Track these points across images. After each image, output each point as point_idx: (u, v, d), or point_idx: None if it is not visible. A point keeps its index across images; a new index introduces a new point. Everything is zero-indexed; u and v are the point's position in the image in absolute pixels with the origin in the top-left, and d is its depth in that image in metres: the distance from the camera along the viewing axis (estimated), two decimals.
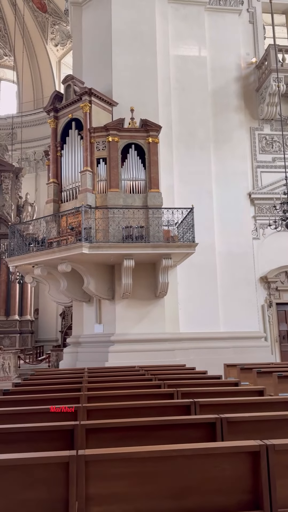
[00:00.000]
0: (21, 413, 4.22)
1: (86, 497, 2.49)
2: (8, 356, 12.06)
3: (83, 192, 12.10)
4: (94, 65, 14.12)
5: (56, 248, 11.57)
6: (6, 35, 26.78)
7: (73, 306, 13.86)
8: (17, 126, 24.55)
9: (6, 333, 21.65)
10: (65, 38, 25.89)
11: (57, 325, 23.44)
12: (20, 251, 12.80)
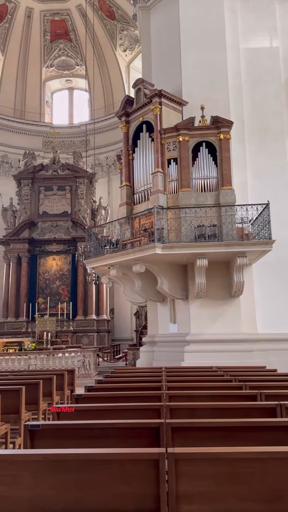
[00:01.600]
0: (105, 410, 4.36)
1: (177, 494, 2.52)
2: (88, 354, 12.54)
3: (155, 193, 12.23)
4: (164, 66, 14.22)
5: (130, 249, 11.80)
6: (78, 46, 27.90)
7: (148, 306, 14.06)
8: (90, 133, 25.46)
9: (85, 332, 22.55)
10: (134, 42, 26.36)
11: (131, 324, 23.92)
12: (96, 253, 13.25)
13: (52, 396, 7.28)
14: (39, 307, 23.12)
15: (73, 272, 23.87)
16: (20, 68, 28.35)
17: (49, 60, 28.81)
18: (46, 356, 13.26)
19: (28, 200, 24.47)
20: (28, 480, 2.66)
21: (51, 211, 24.58)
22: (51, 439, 3.52)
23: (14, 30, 27.16)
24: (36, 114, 28.89)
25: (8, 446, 5.47)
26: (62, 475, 2.61)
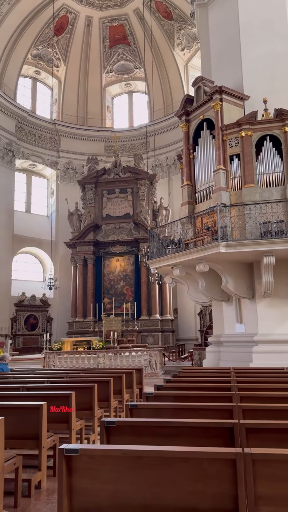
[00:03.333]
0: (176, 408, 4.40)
1: (255, 496, 2.49)
2: (154, 353, 12.67)
3: (217, 191, 12.07)
4: (223, 62, 14.01)
5: (193, 248, 11.75)
6: (136, 49, 28.28)
7: (213, 306, 13.91)
8: (150, 134, 25.71)
9: (149, 332, 22.81)
10: (191, 41, 26.23)
11: (196, 324, 23.78)
12: (159, 253, 13.35)
13: (122, 393, 7.46)
14: (105, 307, 23.75)
15: (137, 272, 24.23)
16: (81, 76, 29.31)
17: (108, 65, 29.49)
18: (113, 354, 13.59)
19: (92, 204, 25.24)
20: (108, 475, 2.77)
21: (114, 213, 25.15)
22: (126, 435, 3.62)
23: (74, 39, 28.14)
24: (97, 120, 29.70)
25: (83, 441, 5.70)
26: (141, 471, 2.68)
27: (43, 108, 29.92)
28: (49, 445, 4.75)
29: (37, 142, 28.19)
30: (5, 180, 25.87)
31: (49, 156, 27.53)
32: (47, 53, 27.97)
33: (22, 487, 4.17)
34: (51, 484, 4.64)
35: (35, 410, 4.55)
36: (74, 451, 2.84)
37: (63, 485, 2.81)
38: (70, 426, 5.20)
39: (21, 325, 25.80)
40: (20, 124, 27.11)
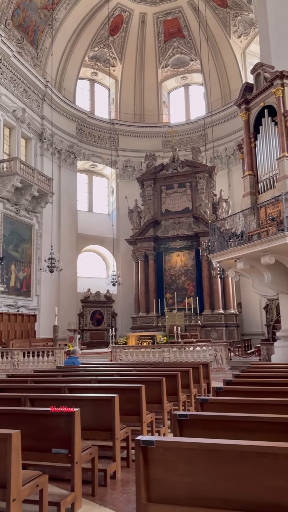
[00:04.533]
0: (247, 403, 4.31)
1: None
2: (219, 348, 12.52)
3: (282, 179, 11.63)
4: (284, 46, 13.43)
5: (257, 240, 11.40)
6: (191, 41, 27.94)
7: (280, 299, 13.43)
8: (207, 126, 25.34)
9: (213, 326, 22.57)
10: (248, 27, 25.41)
11: (261, 318, 23.14)
12: (220, 247, 13.12)
13: (190, 388, 7.46)
14: (167, 302, 23.86)
15: (198, 267, 24.05)
16: (137, 74, 29.52)
17: (164, 60, 29.43)
18: (178, 349, 13.61)
19: (151, 200, 25.40)
20: (184, 467, 2.78)
21: (173, 208, 25.13)
22: (198, 429, 3.62)
23: (129, 38, 28.39)
24: (154, 116, 29.78)
25: (154, 434, 5.78)
26: (217, 464, 2.67)
27: (101, 108, 30.55)
28: (122, 437, 4.87)
29: (96, 142, 28.85)
30: (68, 182, 26.78)
31: (108, 156, 28.08)
32: (103, 53, 28.49)
33: (99, 477, 4.32)
34: (125, 475, 4.76)
35: (108, 402, 4.68)
36: (150, 442, 2.89)
37: (140, 475, 2.87)
38: (141, 419, 5.29)
39: (88, 320, 26.67)
40: (80, 126, 27.89)
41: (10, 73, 21.78)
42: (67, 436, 3.87)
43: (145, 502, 2.86)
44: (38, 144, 24.37)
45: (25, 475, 3.35)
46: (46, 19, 23.63)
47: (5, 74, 21.39)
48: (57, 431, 3.93)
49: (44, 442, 3.95)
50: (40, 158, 24.33)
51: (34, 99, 24.01)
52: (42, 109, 24.60)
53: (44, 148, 24.59)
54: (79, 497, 3.90)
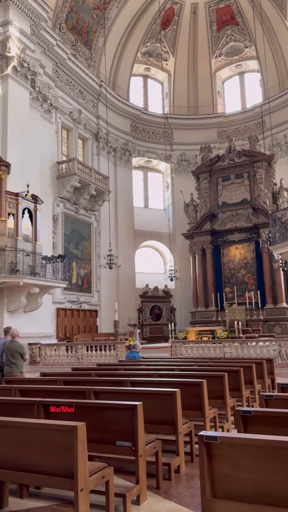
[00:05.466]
0: None
1: None
2: (284, 343, 12.11)
3: None
4: None
5: None
6: (245, 27, 27.09)
7: None
8: (265, 113, 24.51)
9: (276, 321, 21.86)
10: None
11: None
12: (282, 238, 12.67)
13: (254, 383, 7.29)
14: (226, 296, 23.46)
15: (258, 259, 23.38)
16: (190, 66, 29.17)
17: (217, 50, 28.81)
18: (239, 344, 13.35)
19: (207, 193, 25.04)
20: (249, 464, 2.72)
21: (230, 200, 24.61)
22: (263, 425, 3.52)
23: (181, 30, 28.10)
24: (209, 107, 29.29)
25: (217, 429, 5.72)
26: (284, 463, 2.58)
27: (155, 104, 30.56)
28: (185, 431, 4.86)
29: (151, 138, 28.94)
30: (124, 179, 27.13)
31: (163, 151, 28.06)
32: (155, 48, 28.43)
33: (163, 471, 4.34)
34: (189, 469, 4.75)
35: (170, 396, 4.69)
36: (214, 438, 2.85)
37: (205, 471, 2.84)
38: (204, 414, 5.25)
39: (147, 315, 26.93)
40: (134, 123, 28.11)
41: (66, 75, 22.39)
42: (130, 429, 3.93)
43: (210, 497, 2.83)
44: (94, 143, 24.89)
45: (92, 466, 3.45)
46: (99, 19, 23.99)
47: (61, 77, 22.03)
48: (121, 424, 4.00)
49: (109, 434, 4.04)
50: (96, 157, 24.84)
51: (90, 99, 24.52)
52: (98, 108, 25.07)
53: (100, 147, 25.07)
54: (144, 489, 3.95)
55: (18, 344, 8.37)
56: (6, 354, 8.24)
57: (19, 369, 8.24)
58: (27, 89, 18.29)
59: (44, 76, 20.00)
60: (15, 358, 8.19)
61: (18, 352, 8.24)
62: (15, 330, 8.52)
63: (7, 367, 8.21)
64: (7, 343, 8.40)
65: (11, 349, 8.25)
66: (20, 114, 17.61)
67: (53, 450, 3.24)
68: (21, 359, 8.31)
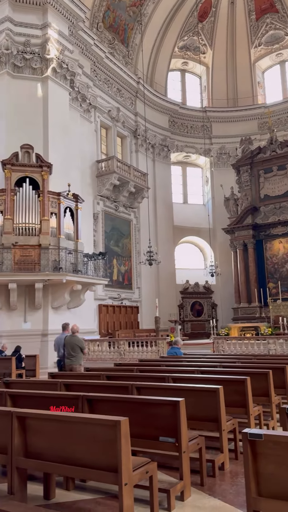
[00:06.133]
0: None
1: None
2: None
3: None
4: None
5: None
6: (285, 14, 26.24)
7: None
8: None
9: None
10: None
11: None
12: None
13: None
14: (270, 292, 22.92)
15: None
16: (229, 57, 28.62)
17: (256, 39, 28.07)
18: (285, 341, 13.00)
19: (248, 186, 24.53)
20: None
21: (272, 193, 23.97)
22: None
23: (219, 21, 27.60)
24: (248, 99, 28.63)
25: (262, 427, 5.61)
26: None
27: (193, 98, 30.24)
28: (229, 428, 4.80)
29: (189, 133, 28.68)
30: (163, 175, 27.07)
31: (202, 145, 27.74)
32: (193, 42, 28.10)
33: (207, 467, 4.31)
34: (234, 466, 4.69)
35: (213, 393, 4.64)
36: (258, 436, 2.79)
37: (249, 469, 2.79)
38: (248, 411, 5.16)
39: (188, 311, 26.80)
40: (172, 119, 27.96)
41: (104, 74, 22.59)
42: (173, 425, 3.93)
43: (255, 496, 2.78)
44: (132, 141, 24.98)
45: (135, 461, 3.47)
46: (135, 16, 24.00)
47: (99, 76, 22.25)
48: (164, 419, 4.01)
49: (152, 430, 4.06)
50: (135, 154, 24.92)
51: (128, 97, 24.62)
52: (136, 106, 25.12)
53: (138, 145, 25.13)
54: (188, 485, 3.93)
55: (78, 339, 9.01)
56: (67, 348, 8.88)
57: (79, 361, 8.88)
58: (67, 90, 18.62)
59: (83, 76, 20.28)
60: (75, 351, 8.83)
61: (78, 346, 8.88)
62: (75, 326, 9.19)
63: (67, 359, 8.84)
64: (68, 337, 9.04)
65: (72, 343, 8.87)
66: (60, 115, 17.96)
67: (97, 444, 3.29)
68: (81, 353, 8.94)
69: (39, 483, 4.11)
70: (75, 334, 9.09)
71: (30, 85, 17.44)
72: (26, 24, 17.42)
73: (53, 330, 15.96)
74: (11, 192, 15.45)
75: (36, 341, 15.52)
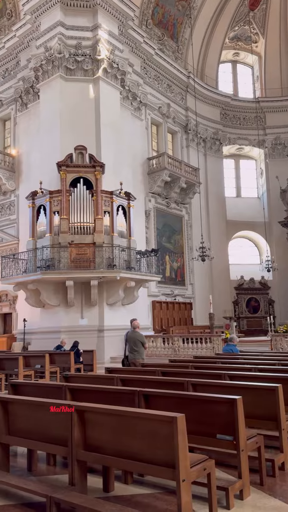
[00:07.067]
0: None
1: None
2: None
3: None
4: None
5: None
6: None
7: None
8: None
9: None
10: None
11: None
12: None
13: None
14: None
15: None
16: (282, 44, 27.58)
17: None
18: None
19: None
20: None
21: None
22: None
23: (271, 8, 26.68)
24: None
25: None
26: None
27: (245, 89, 29.50)
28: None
29: (242, 124, 28.02)
30: (215, 169, 26.65)
31: (255, 136, 26.98)
32: (244, 31, 27.37)
33: (266, 467, 4.20)
34: None
35: (272, 391, 4.52)
36: None
37: None
38: None
39: (243, 308, 26.26)
40: (224, 111, 27.44)
41: (154, 71, 22.60)
42: (231, 422, 3.87)
43: None
44: (183, 136, 24.80)
45: (193, 458, 3.46)
46: (184, 10, 23.76)
47: (149, 73, 22.29)
48: (221, 417, 3.95)
49: (209, 427, 4.02)
50: (186, 149, 24.74)
51: (178, 92, 24.46)
52: (186, 100, 24.91)
53: (189, 139, 24.92)
54: (247, 484, 3.86)
55: (139, 334, 9.41)
56: (129, 343, 9.28)
57: (141, 356, 9.25)
58: (117, 89, 18.84)
59: (133, 74, 20.41)
60: (137, 346, 9.22)
61: (140, 341, 9.25)
62: (135, 322, 9.51)
63: (130, 354, 9.25)
64: (130, 333, 9.42)
65: (134, 338, 9.28)
66: (112, 115, 18.21)
67: (154, 439, 3.31)
68: (142, 347, 9.30)
69: (99, 476, 4.21)
70: (136, 330, 9.44)
71: (82, 86, 17.83)
72: (77, 27, 17.81)
73: (109, 326, 16.29)
74: (66, 192, 15.92)
75: (93, 336, 15.92)
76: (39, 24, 18.40)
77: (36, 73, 18.29)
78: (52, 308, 16.32)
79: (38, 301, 16.41)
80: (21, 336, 16.93)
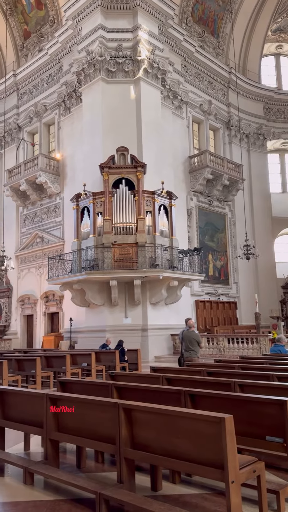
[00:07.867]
0: None
1: None
2: None
3: None
4: None
5: None
6: None
7: None
8: None
9: None
10: None
11: None
12: None
13: None
14: None
15: None
16: None
17: None
18: None
19: None
20: None
21: None
22: None
23: None
24: None
25: None
26: None
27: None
28: None
29: (286, 118, 27.24)
30: (259, 165, 26.04)
31: None
32: (287, 23, 26.55)
33: None
34: None
35: None
36: None
37: None
38: None
39: None
40: (267, 105, 26.77)
41: (195, 68, 22.41)
42: (281, 424, 3.76)
43: None
44: (226, 132, 24.43)
45: (242, 459, 3.40)
46: (225, 5, 23.38)
47: (190, 71, 22.13)
48: (270, 419, 3.85)
49: (257, 428, 3.93)
50: (228, 146, 24.35)
51: (219, 88, 24.13)
52: (228, 96, 24.52)
53: (232, 136, 24.51)
54: None
55: (195, 333, 9.59)
56: (185, 342, 9.41)
57: (197, 354, 9.43)
58: (158, 89, 18.85)
59: (174, 73, 20.34)
60: (193, 345, 9.35)
61: (195, 340, 9.40)
62: (191, 321, 9.66)
63: (186, 352, 9.39)
64: (185, 332, 9.54)
65: (189, 337, 9.41)
66: (153, 114, 18.25)
67: (201, 439, 3.27)
68: (198, 346, 9.47)
69: (146, 475, 4.23)
70: (191, 329, 9.54)
71: (123, 88, 17.99)
72: (117, 30, 18.00)
73: (152, 325, 16.34)
74: (109, 194, 16.13)
75: (137, 335, 16.03)
76: (80, 29, 18.75)
77: (78, 77, 18.66)
78: (97, 308, 16.59)
79: (83, 300, 16.74)
80: (67, 335, 17.33)
